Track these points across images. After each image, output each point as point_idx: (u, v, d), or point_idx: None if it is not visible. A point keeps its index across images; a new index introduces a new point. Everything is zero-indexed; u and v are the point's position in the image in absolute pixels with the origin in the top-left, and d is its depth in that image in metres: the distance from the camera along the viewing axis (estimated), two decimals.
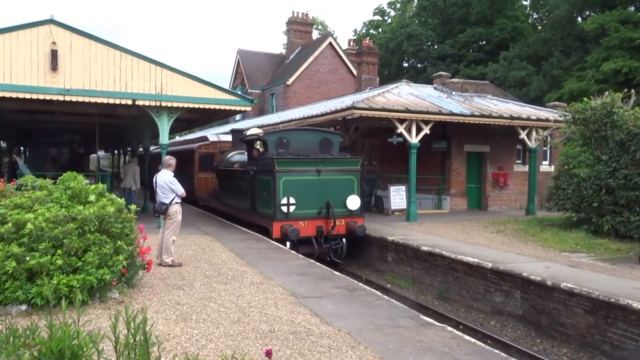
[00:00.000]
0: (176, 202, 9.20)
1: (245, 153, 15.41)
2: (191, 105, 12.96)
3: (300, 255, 10.39)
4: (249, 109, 14.62)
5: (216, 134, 24.33)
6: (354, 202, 12.88)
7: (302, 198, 12.34)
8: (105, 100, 12.12)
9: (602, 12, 33.35)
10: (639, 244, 10.45)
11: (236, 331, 5.55)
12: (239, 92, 19.93)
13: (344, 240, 12.90)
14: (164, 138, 13.25)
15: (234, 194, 15.91)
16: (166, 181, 9.17)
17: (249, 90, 37.81)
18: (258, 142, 13.77)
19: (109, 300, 6.49)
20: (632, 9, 33.44)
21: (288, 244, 11.85)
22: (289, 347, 5.11)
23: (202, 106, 13.09)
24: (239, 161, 15.76)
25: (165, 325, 5.62)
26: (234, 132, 18.45)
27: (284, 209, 12.18)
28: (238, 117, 37.35)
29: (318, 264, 9.56)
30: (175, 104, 12.81)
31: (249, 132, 15.21)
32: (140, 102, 12.47)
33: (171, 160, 9.59)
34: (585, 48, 35.70)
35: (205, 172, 20.90)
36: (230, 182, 16.36)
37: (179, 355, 4.65)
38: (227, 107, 13.56)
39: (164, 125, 13.12)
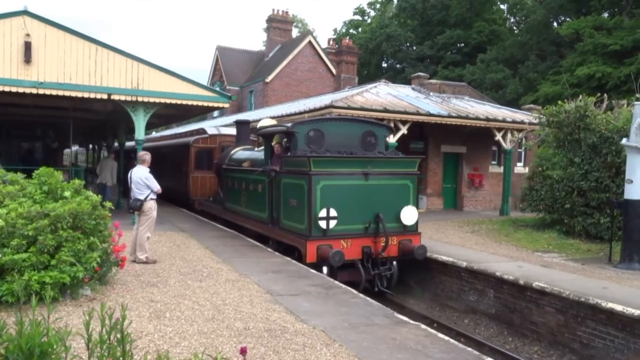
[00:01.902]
0: (151, 199, 9.09)
1: (257, 149, 13.72)
2: (168, 101, 12.84)
3: (277, 253, 10.34)
4: (227, 105, 14.56)
5: (215, 126, 20.97)
6: (410, 215, 10.11)
7: (345, 210, 9.54)
8: (79, 94, 11.93)
9: (577, 17, 34.02)
10: (608, 245, 10.69)
11: (210, 329, 5.51)
12: (217, 89, 19.77)
13: (394, 264, 10.19)
14: (140, 133, 13.09)
15: (243, 200, 12.96)
16: (141, 177, 9.06)
17: (228, 87, 37.58)
18: (279, 135, 11.33)
19: (81, 297, 6.39)
20: (606, 15, 34.18)
21: (325, 269, 9.32)
22: (263, 344, 5.10)
23: (179, 102, 12.98)
24: (250, 159, 13.03)
25: (138, 323, 5.56)
26: (239, 123, 15.83)
27: (322, 224, 9.34)
28: (215, 114, 37.15)
29: (294, 261, 9.57)
30: (151, 99, 12.68)
31: (261, 123, 13.21)
32: (115, 97, 12.31)
33: (146, 155, 9.48)
34: (561, 53, 36.36)
35: (202, 170, 17.97)
36: (238, 185, 13.38)
37: (151, 353, 4.60)
38: (205, 104, 13.47)
39: (140, 121, 12.97)
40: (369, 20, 58.01)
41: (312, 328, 5.69)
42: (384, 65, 52.38)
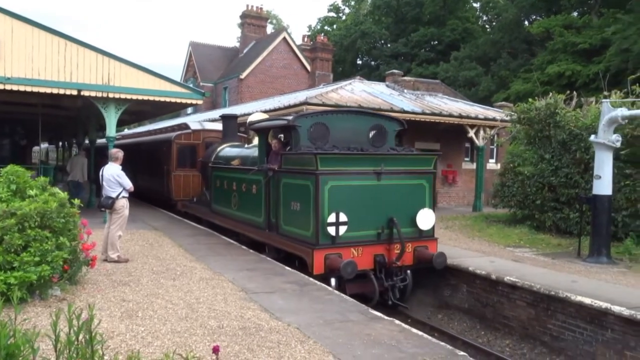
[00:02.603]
0: (123, 197, 8.95)
1: (247, 146, 12.80)
2: (140, 97, 12.63)
3: (251, 251, 10.29)
4: (200, 102, 14.40)
5: (199, 121, 19.60)
6: (426, 218, 9.14)
7: (356, 214, 8.53)
8: (48, 90, 11.65)
9: (548, 16, 34.65)
10: (577, 240, 10.93)
11: (184, 327, 5.45)
12: (191, 85, 19.53)
13: (409, 273, 9.26)
14: (111, 130, 12.86)
15: (234, 202, 11.80)
16: (113, 174, 8.90)
17: (201, 84, 37.22)
18: (277, 130, 10.28)
19: (50, 297, 6.25)
20: (575, 14, 34.87)
21: (333, 281, 8.42)
22: (237, 342, 5.06)
23: (151, 98, 12.77)
24: (240, 156, 12.07)
25: (110, 323, 5.47)
26: (225, 118, 14.88)
27: (331, 230, 8.28)
28: (189, 110, 36.76)
29: (269, 259, 9.53)
30: (123, 96, 12.45)
31: (252, 117, 12.42)
32: (85, 93, 12.05)
33: (119, 153, 9.32)
34: (532, 51, 36.98)
35: (185, 168, 16.72)
36: (227, 185, 12.19)
37: (122, 353, 4.53)
38: (178, 100, 13.28)
39: (111, 118, 12.74)
40: (343, 17, 58.11)
41: (287, 325, 5.68)
42: (359, 62, 52.55)
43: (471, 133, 18.31)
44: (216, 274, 8.07)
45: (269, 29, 44.38)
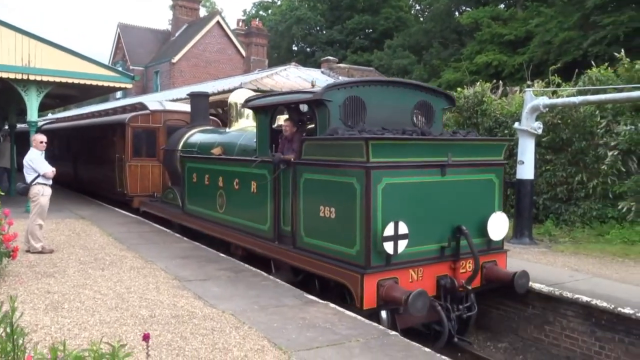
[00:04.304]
0: (38, 183, 8.42)
1: (228, 130, 10.36)
2: (64, 80, 12.02)
3: (185, 238, 10.06)
4: (129, 86, 13.91)
5: (159, 101, 16.17)
6: (500, 225, 7.01)
7: (416, 222, 6.24)
8: None
9: (477, 8, 35.80)
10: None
11: (113, 318, 5.29)
12: (120, 69, 18.78)
13: (472, 298, 6.97)
14: (33, 115, 12.18)
15: (220, 202, 9.23)
16: (27, 159, 8.42)
17: (131, 67, 35.88)
18: (293, 107, 7.91)
19: None
20: (502, 6, 36.25)
21: (383, 314, 6.28)
22: (170, 331, 4.97)
23: (76, 81, 12.19)
24: (224, 144, 9.61)
25: (33, 316, 5.22)
26: (195, 97, 12.47)
27: (388, 247, 5.93)
28: (119, 95, 35.40)
29: (203, 246, 9.34)
30: (45, 78, 11.80)
31: (236, 96, 10.49)
32: (3, 75, 11.35)
33: (39, 137, 8.76)
34: (461, 41, 38.15)
35: (141, 158, 14.03)
36: (209, 180, 9.63)
37: (47, 346, 4.34)
38: (106, 84, 12.77)
39: (32, 101, 12.06)
40: (278, 3, 57.53)
41: (221, 312, 5.63)
42: (295, 48, 52.31)
43: None
44: (148, 262, 7.86)
45: (202, 12, 43.31)
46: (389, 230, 5.91)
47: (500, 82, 15.69)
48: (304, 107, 7.76)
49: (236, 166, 8.84)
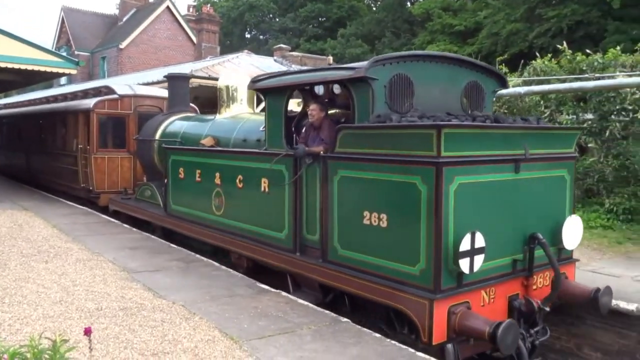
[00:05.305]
0: None
1: (218, 117, 8.95)
2: (2, 65, 11.42)
3: (135, 229, 9.80)
4: (74, 71, 13.36)
5: (128, 84, 14.29)
6: (575, 231, 5.87)
7: (489, 231, 4.95)
8: None
9: None
10: None
11: (57, 312, 5.12)
12: (64, 54, 18.04)
13: (542, 318, 5.79)
14: None
15: (218, 202, 7.70)
16: None
17: (76, 52, 34.52)
18: (324, 86, 6.64)
19: None
20: None
21: (450, 348, 4.91)
22: (117, 324, 4.85)
23: (15, 66, 11.58)
24: (217, 136, 8.33)
25: None
26: (173, 79, 10.92)
27: (464, 264, 4.70)
28: (63, 81, 34.04)
29: (154, 237, 9.14)
30: None
31: (227, 78, 9.20)
32: None
33: None
34: (413, 31, 38.65)
35: (108, 149, 12.49)
36: (203, 176, 8.11)
37: None
38: (49, 69, 12.18)
39: None
40: None
41: (172, 303, 5.54)
42: (247, 35, 51.67)
43: None
44: (95, 254, 7.63)
45: None
46: (465, 244, 4.66)
47: None
48: (319, 90, 6.70)
49: (239, 160, 7.33)
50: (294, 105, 7.58)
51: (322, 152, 5.84)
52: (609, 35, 22.32)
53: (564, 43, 11.64)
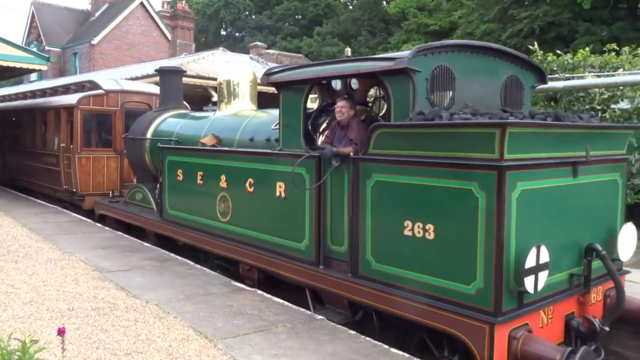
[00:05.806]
0: None
1: (213, 114, 8.47)
2: None
3: (107, 228, 9.67)
4: (44, 67, 13.10)
5: (114, 79, 13.58)
6: (629, 241, 5.35)
7: (550, 242, 4.39)
8: None
9: None
10: None
11: (27, 312, 5.03)
12: (34, 49, 17.66)
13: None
14: None
15: (223, 208, 7.01)
16: None
17: (47, 48, 33.80)
18: (359, 80, 5.98)
19: None
20: None
21: None
22: (89, 324, 4.79)
23: None
24: (223, 131, 7.74)
25: None
26: (165, 73, 10.27)
27: (529, 283, 4.13)
28: (33, 77, 33.32)
29: (126, 235, 9.02)
30: None
31: (228, 70, 8.77)
32: None
33: None
34: (389, 30, 38.86)
35: (93, 148, 11.79)
36: (205, 179, 7.41)
37: None
38: (18, 65, 11.94)
39: None
40: None
41: (145, 303, 5.49)
42: (223, 33, 51.26)
43: None
44: (66, 253, 7.51)
45: None
46: (530, 260, 4.11)
47: None
48: (336, 84, 6.13)
49: (249, 161, 6.61)
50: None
51: (352, 154, 5.23)
52: (579, 37, 22.76)
53: (536, 44, 11.85)
